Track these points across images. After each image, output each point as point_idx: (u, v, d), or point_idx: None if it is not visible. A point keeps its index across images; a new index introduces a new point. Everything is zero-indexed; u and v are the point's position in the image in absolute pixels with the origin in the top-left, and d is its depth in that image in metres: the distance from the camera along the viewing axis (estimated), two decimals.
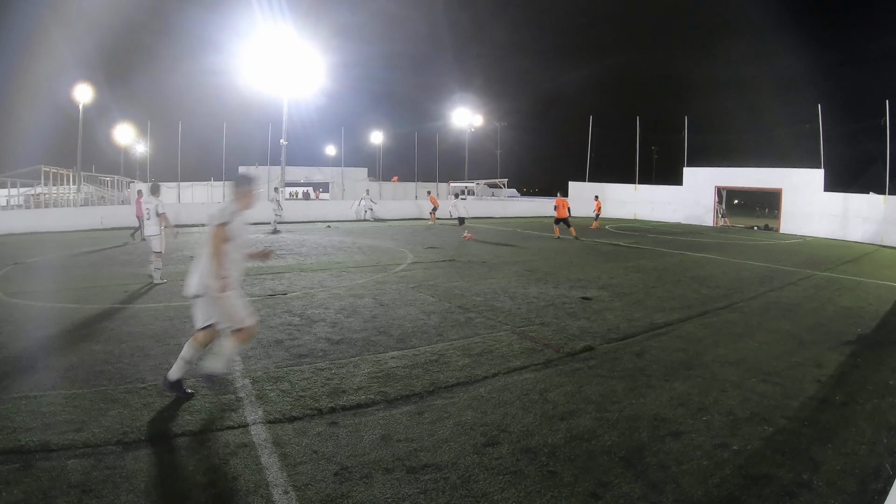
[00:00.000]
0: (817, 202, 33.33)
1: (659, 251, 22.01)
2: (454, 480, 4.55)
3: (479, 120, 65.12)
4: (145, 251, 15.16)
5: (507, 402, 6.36)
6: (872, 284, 15.29)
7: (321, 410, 5.91)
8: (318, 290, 12.36)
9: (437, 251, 20.00)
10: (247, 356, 7.65)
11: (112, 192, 51.56)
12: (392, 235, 25.99)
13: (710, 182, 40.28)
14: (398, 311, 10.51)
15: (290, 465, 4.68)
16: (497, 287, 13.20)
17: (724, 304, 11.96)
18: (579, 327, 9.67)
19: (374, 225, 31.54)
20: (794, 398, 6.68)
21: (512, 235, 27.82)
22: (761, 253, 22.58)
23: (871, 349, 8.98)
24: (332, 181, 57.38)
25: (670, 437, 5.57)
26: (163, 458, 4.82)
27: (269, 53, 36.80)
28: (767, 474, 4.86)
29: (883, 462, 5.10)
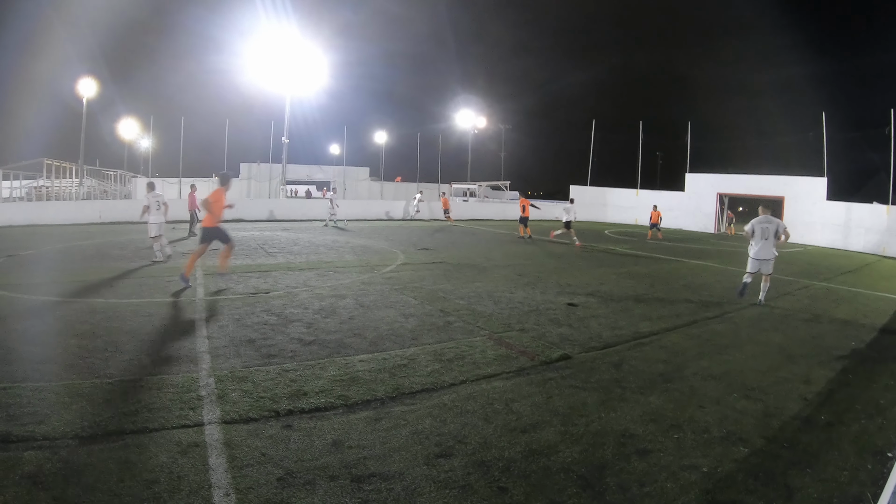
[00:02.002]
0: (819, 211, 32.94)
1: (654, 257, 21.68)
2: (398, 492, 4.36)
3: (483, 122, 65.09)
4: (139, 247, 15.20)
5: (469, 411, 6.08)
6: (871, 296, 14.91)
7: (279, 413, 5.76)
8: (301, 290, 12.12)
9: (430, 252, 19.73)
10: (216, 355, 7.50)
11: (115, 187, 51.62)
12: (388, 236, 25.70)
13: (712, 188, 39.97)
14: (377, 314, 10.23)
15: (236, 468, 4.58)
16: (483, 291, 12.88)
17: (714, 313, 11.60)
18: (559, 335, 9.33)
19: (370, 225, 31.18)
20: (775, 417, 6.31)
21: (508, 238, 27.49)
22: None
23: (864, 365, 8.60)
24: (334, 180, 57.23)
25: (636, 455, 5.22)
26: (114, 455, 4.74)
27: (272, 52, 36.72)
28: (735, 501, 4.50)
29: (864, 491, 4.72)
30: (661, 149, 58.30)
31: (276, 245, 20.53)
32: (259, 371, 6.97)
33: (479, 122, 63.83)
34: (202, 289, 11.80)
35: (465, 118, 61.47)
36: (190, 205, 23.47)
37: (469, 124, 61.89)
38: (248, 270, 14.37)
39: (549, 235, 28.03)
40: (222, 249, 12.89)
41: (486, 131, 68.78)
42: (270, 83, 38.40)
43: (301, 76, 38.08)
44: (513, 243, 24.86)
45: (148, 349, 7.61)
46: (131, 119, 59.58)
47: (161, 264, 15.09)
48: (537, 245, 24.44)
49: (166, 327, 8.84)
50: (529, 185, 75.43)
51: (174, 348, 7.73)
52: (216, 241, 12.21)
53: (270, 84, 38.46)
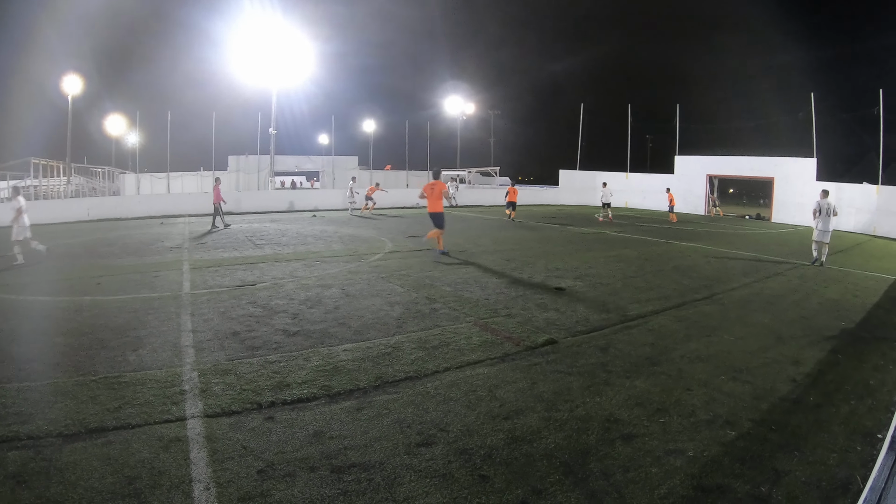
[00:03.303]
0: (809, 192, 32.74)
1: (645, 240, 21.59)
2: (378, 482, 4.36)
3: (472, 108, 64.82)
4: (127, 243, 15.00)
5: (452, 398, 6.02)
6: (861, 276, 14.88)
7: (261, 405, 5.73)
8: (287, 281, 12.02)
9: (417, 240, 19.53)
10: (200, 348, 7.46)
11: (103, 184, 51.27)
12: (377, 224, 25.53)
13: (701, 170, 39.88)
14: (362, 303, 10.14)
15: (217, 461, 4.57)
16: (470, 277, 12.79)
17: (703, 295, 11.52)
18: (546, 319, 9.24)
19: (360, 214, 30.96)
20: (763, 399, 6.24)
21: (497, 224, 27.35)
22: (750, 243, 22.18)
23: (854, 345, 8.54)
24: (323, 170, 56.97)
25: (620, 440, 5.16)
26: (97, 452, 4.74)
27: (258, 43, 36.36)
28: (721, 485, 4.42)
29: (854, 473, 4.64)
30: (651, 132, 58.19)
31: (264, 237, 20.36)
32: (242, 363, 6.91)
33: (467, 108, 63.64)
34: (188, 283, 11.66)
35: (454, 105, 61.27)
36: (215, 198, 23.29)
37: (458, 111, 61.68)
38: (236, 263, 14.25)
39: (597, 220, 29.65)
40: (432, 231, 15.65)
41: (476, 117, 68.69)
42: (257, 74, 38.06)
43: (287, 66, 37.77)
44: (502, 229, 24.71)
45: (133, 345, 7.54)
46: (118, 115, 59.09)
47: (142, 261, 14.87)
48: (527, 230, 24.33)
49: (152, 323, 8.72)
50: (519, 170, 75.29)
51: (159, 343, 7.65)
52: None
53: (257, 75, 38.12)
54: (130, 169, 55.25)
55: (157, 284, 11.56)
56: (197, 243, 17.44)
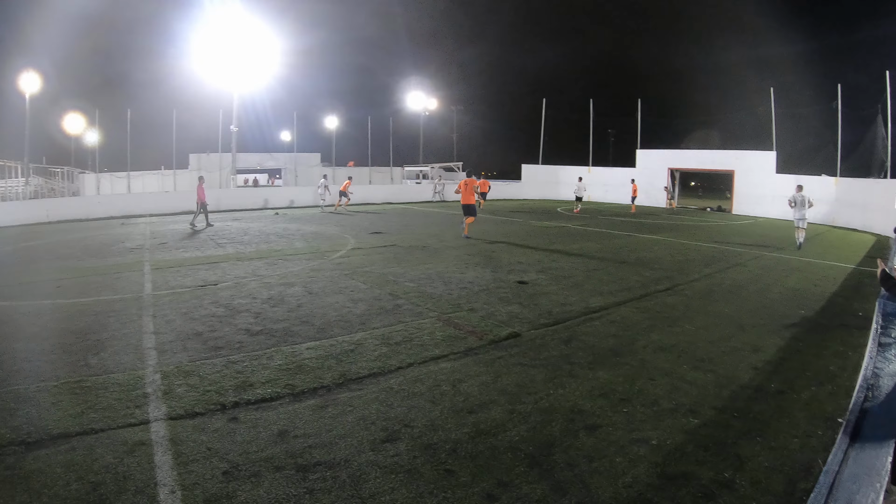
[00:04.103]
0: (770, 184, 33.58)
1: (607, 233, 21.79)
2: (343, 479, 4.35)
3: (434, 104, 64.69)
4: (88, 245, 14.67)
5: (416, 394, 6.03)
6: (821, 265, 15.18)
7: (224, 406, 5.68)
8: (249, 280, 11.86)
9: (381, 236, 19.50)
10: (163, 350, 7.35)
11: (63, 184, 50.03)
12: (339, 221, 25.33)
13: (663, 164, 40.37)
14: (325, 300, 10.06)
15: (181, 464, 4.54)
16: (433, 272, 12.77)
17: (665, 286, 11.67)
18: (509, 313, 9.28)
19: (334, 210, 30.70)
20: (726, 387, 6.35)
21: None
22: (711, 234, 22.60)
23: (814, 332, 8.72)
24: (285, 167, 56.32)
25: (584, 431, 5.20)
26: (61, 458, 4.66)
27: (220, 39, 35.83)
28: (686, 472, 4.49)
29: (816, 457, 4.74)
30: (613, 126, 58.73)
31: (225, 236, 20.05)
32: (205, 364, 6.83)
33: (430, 104, 63.52)
34: (150, 284, 11.45)
35: (417, 101, 61.13)
36: (200, 196, 22.92)
37: (421, 106, 61.56)
38: (198, 262, 14.00)
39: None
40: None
41: (438, 113, 68.52)
42: (218, 71, 37.46)
43: (249, 63, 37.27)
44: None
45: (95, 349, 7.38)
46: (77, 114, 57.68)
47: (103, 263, 14.45)
48: (491, 224, 24.35)
49: (113, 325, 8.53)
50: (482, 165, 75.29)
51: (121, 346, 7.50)
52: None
53: (218, 72, 37.52)
54: (90, 169, 53.98)
55: (118, 286, 11.32)
56: (158, 243, 17.13)
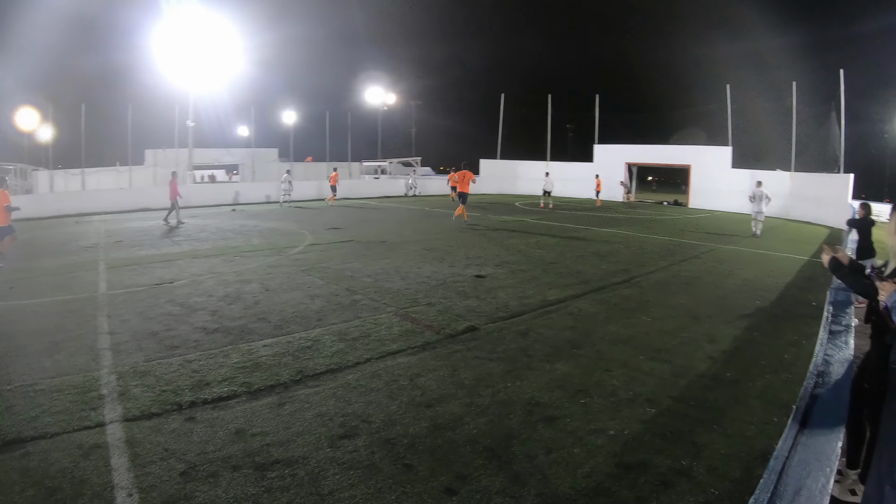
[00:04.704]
0: (725, 178, 34.32)
1: (565, 227, 21.97)
2: (302, 477, 4.33)
3: (393, 98, 64.48)
4: (40, 244, 14.25)
5: (373, 389, 6.02)
6: (775, 257, 15.54)
7: (181, 405, 5.60)
8: (206, 277, 11.66)
9: (339, 232, 19.36)
10: (118, 350, 7.18)
11: (15, 182, 48.61)
12: (297, 217, 25.05)
13: (620, 159, 40.87)
14: (282, 297, 9.97)
15: (138, 466, 4.47)
16: (391, 267, 12.73)
17: (622, 279, 11.82)
18: (466, 307, 9.30)
19: (279, 206, 30.36)
20: (682, 376, 6.46)
21: (419, 213, 27.37)
22: (668, 227, 22.93)
23: (768, 322, 8.93)
24: (243, 163, 55.58)
25: (543, 423, 5.24)
26: (16, 464, 4.56)
27: (176, 33, 35.13)
28: (643, 461, 4.56)
29: (772, 444, 4.78)
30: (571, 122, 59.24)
31: (182, 233, 19.68)
32: (161, 364, 6.72)
33: (388, 98, 63.32)
34: (105, 283, 11.18)
35: (375, 95, 60.85)
36: (172, 193, 22.38)
37: (379, 101, 61.31)
38: (153, 260, 13.68)
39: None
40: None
41: (397, 108, 68.36)
42: (174, 66, 36.67)
43: (206, 58, 36.60)
44: (425, 219, 24.74)
45: (49, 351, 7.17)
46: (29, 108, 56.03)
47: (57, 262, 13.98)
48: (448, 219, 24.33)
49: (68, 326, 8.29)
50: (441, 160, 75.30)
51: (76, 348, 7.32)
52: None
53: (174, 66, 36.72)
54: (44, 166, 52.55)
55: (72, 286, 11.01)
56: (113, 241, 16.75)
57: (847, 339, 3.68)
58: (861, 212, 11.23)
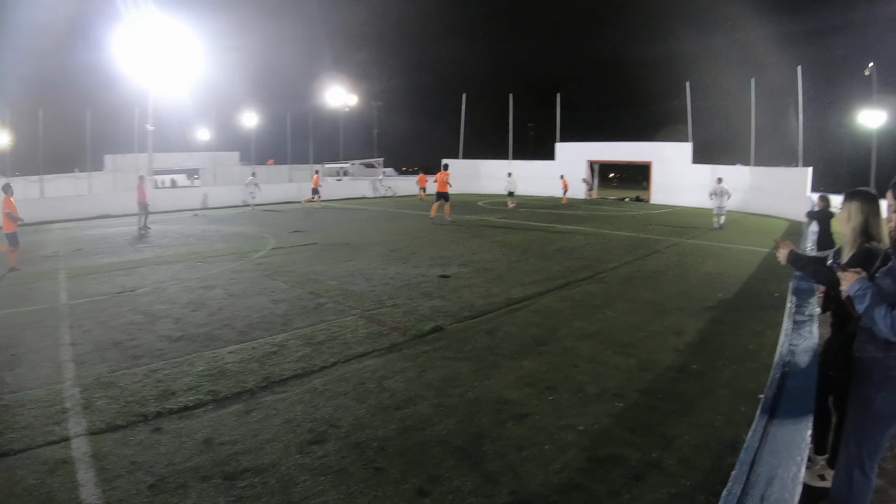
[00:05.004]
0: (686, 174, 34.81)
1: (528, 225, 22.14)
2: (273, 485, 4.28)
3: (354, 100, 64.17)
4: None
5: (341, 393, 5.98)
6: (737, 250, 15.80)
7: (147, 416, 5.49)
8: (169, 284, 11.46)
9: (302, 235, 19.21)
10: (81, 362, 7.01)
11: None
12: (260, 221, 24.75)
13: (582, 156, 41.22)
14: (247, 302, 9.86)
15: (106, 480, 4.37)
16: (355, 269, 12.66)
17: (586, 275, 11.92)
18: (432, 307, 9.30)
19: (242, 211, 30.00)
20: (649, 370, 6.53)
21: (383, 216, 27.25)
22: (630, 223, 23.20)
23: (732, 314, 9.08)
24: (203, 167, 54.85)
25: (512, 420, 5.26)
26: None
27: (135, 35, 34.53)
28: (614, 455, 4.59)
29: (741, 433, 4.88)
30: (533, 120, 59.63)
31: (144, 239, 19.41)
32: (126, 374, 6.57)
33: (350, 100, 63.02)
34: (66, 293, 10.93)
35: (337, 97, 60.52)
36: (140, 197, 21.89)
37: (341, 103, 61.02)
38: (115, 268, 13.38)
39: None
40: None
41: (359, 109, 68.11)
42: (133, 68, 36.06)
43: (166, 60, 36.04)
44: (388, 220, 24.68)
45: (10, 364, 6.97)
46: None
47: (16, 273, 13.52)
48: (411, 220, 24.37)
49: (29, 338, 8.07)
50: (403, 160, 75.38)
51: (37, 360, 7.14)
52: None
53: (133, 69, 36.11)
54: (0, 173, 51.27)
55: (32, 296, 10.73)
56: (74, 249, 16.40)
57: (811, 327, 3.74)
58: (820, 204, 11.48)
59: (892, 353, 3.06)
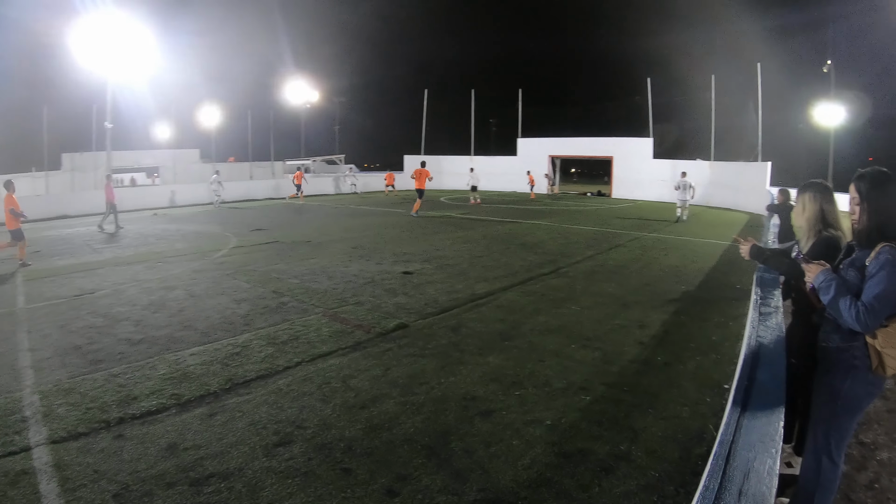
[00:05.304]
0: (647, 169, 35.31)
1: (490, 220, 22.17)
2: (240, 489, 4.21)
3: (316, 96, 63.71)
4: None
5: (306, 393, 5.91)
6: (698, 243, 16.03)
7: (109, 423, 5.34)
8: (129, 286, 11.19)
9: (263, 233, 18.99)
10: (39, 368, 6.80)
11: None
12: (221, 220, 24.36)
13: (544, 152, 41.56)
14: (208, 302, 9.69)
15: (68, 491, 4.25)
16: (317, 267, 12.56)
17: (549, 269, 11.98)
18: (396, 304, 9.25)
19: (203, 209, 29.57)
20: (614, 363, 6.57)
21: (345, 211, 27.12)
22: (592, 217, 23.36)
23: (695, 306, 9.18)
24: (163, 165, 53.99)
25: (479, 417, 5.24)
26: None
27: (93, 31, 33.81)
28: (583, 449, 4.61)
29: (707, 423, 5.00)
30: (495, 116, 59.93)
31: (102, 239, 18.96)
32: (86, 380, 6.40)
33: (312, 96, 62.57)
34: (23, 297, 10.63)
35: (298, 93, 60.06)
36: (108, 196, 21.37)
37: (302, 100, 60.57)
38: (73, 270, 13.04)
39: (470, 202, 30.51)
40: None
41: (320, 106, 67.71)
42: (90, 65, 35.31)
43: (124, 56, 35.36)
44: (350, 217, 24.49)
45: None
46: None
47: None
48: (373, 216, 24.27)
49: None
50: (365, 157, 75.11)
51: None
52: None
53: (90, 66, 35.36)
54: None
55: None
56: (31, 251, 15.97)
57: (777, 318, 3.77)
58: (780, 197, 11.68)
59: (857, 342, 3.12)
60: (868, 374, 3.12)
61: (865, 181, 3.17)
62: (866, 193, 3.16)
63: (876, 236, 3.08)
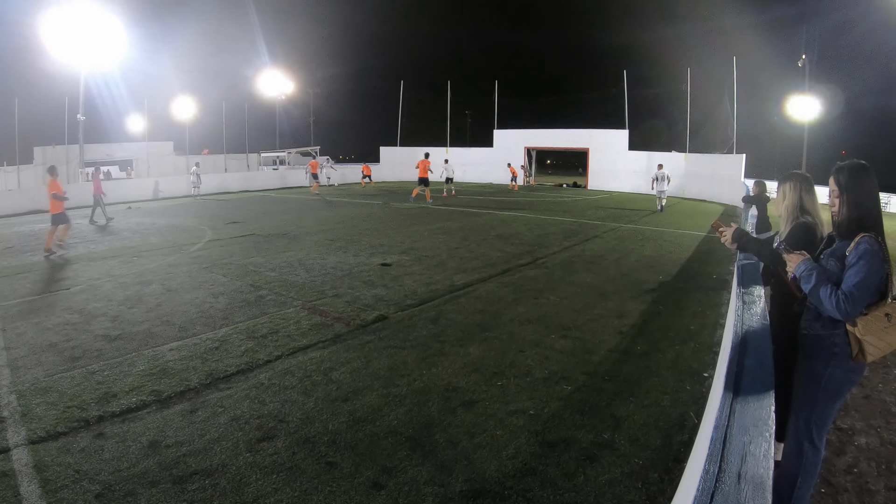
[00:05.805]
0: (622, 160, 35.57)
1: (467, 211, 22.20)
2: (224, 486, 4.18)
3: (291, 88, 63.23)
4: None
5: (287, 387, 5.89)
6: (674, 233, 16.18)
7: (88, 421, 5.26)
8: (104, 281, 11.04)
9: (239, 226, 18.84)
10: (16, 367, 6.69)
11: None
12: (196, 212, 24.15)
13: (519, 143, 41.66)
14: (185, 297, 9.61)
15: (50, 492, 4.19)
16: (294, 259, 12.51)
17: (527, 260, 12.05)
18: (374, 296, 9.24)
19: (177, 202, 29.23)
20: (594, 352, 6.63)
21: (321, 203, 26.99)
22: (568, 209, 23.50)
23: (672, 295, 9.29)
24: (137, 158, 53.28)
25: (462, 407, 5.27)
26: None
27: (64, 23, 33.23)
28: (566, 438, 4.65)
29: (687, 411, 5.07)
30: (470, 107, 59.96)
31: (75, 234, 18.66)
32: (64, 378, 6.31)
33: (286, 88, 62.10)
34: None
35: (273, 85, 59.61)
36: (95, 189, 21.05)
37: (277, 91, 60.11)
38: (47, 266, 12.83)
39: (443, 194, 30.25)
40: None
41: (295, 98, 67.17)
42: (62, 57, 34.72)
43: (97, 48, 34.79)
44: (326, 209, 24.38)
45: None
46: None
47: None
48: (350, 207, 24.19)
49: None
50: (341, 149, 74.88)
51: None
52: None
53: (62, 58, 34.77)
54: None
55: None
56: (3, 248, 15.72)
57: (760, 305, 3.83)
58: (755, 189, 11.82)
59: (838, 330, 3.19)
60: (849, 361, 3.19)
61: (844, 173, 3.24)
62: (845, 185, 3.23)
63: (855, 227, 3.16)
